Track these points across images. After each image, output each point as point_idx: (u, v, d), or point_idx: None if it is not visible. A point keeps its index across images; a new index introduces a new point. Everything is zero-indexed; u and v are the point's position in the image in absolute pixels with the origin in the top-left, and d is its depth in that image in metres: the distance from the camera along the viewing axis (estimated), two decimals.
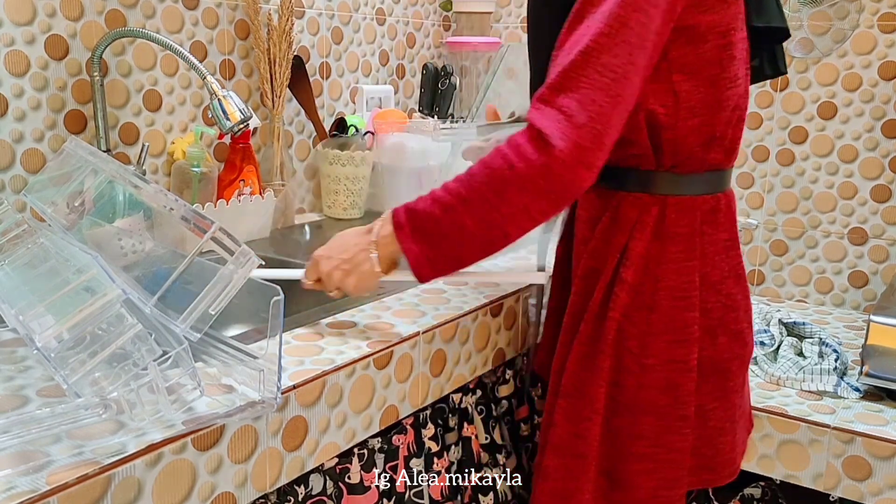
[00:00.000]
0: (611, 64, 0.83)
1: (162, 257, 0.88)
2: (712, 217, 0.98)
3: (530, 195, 0.86)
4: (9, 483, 0.62)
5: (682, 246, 0.96)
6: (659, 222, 0.97)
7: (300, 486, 0.90)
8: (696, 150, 0.96)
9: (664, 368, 0.97)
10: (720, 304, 0.99)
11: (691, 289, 0.96)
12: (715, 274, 0.98)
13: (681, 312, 0.97)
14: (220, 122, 1.21)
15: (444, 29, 2.15)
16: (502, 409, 1.27)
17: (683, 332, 0.97)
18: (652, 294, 0.97)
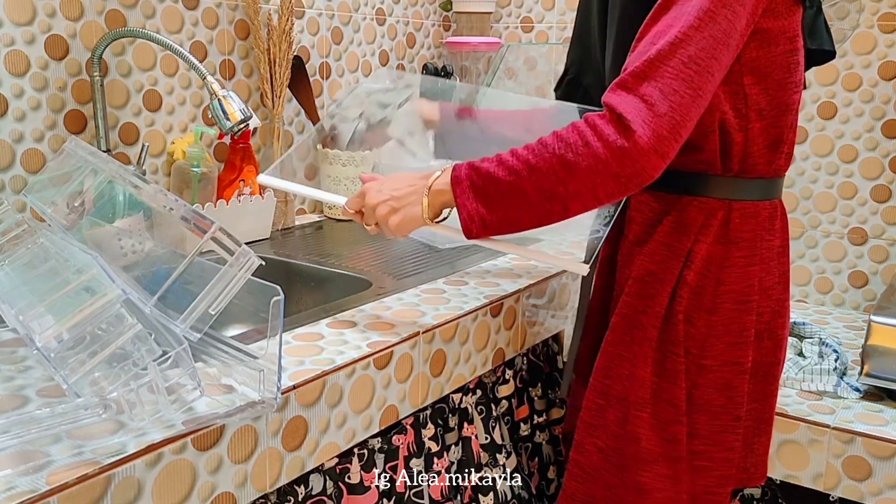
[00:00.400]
0: (696, 57, 0.84)
1: (162, 257, 0.88)
2: (770, 223, 1.00)
3: (601, 176, 0.85)
4: (9, 483, 0.62)
5: (745, 251, 0.98)
6: (724, 226, 0.98)
7: (300, 486, 0.90)
8: (763, 153, 0.97)
9: (721, 370, 0.99)
10: (770, 309, 1.01)
11: (752, 293, 0.98)
12: (769, 279, 1.00)
13: (740, 315, 0.98)
14: (220, 122, 1.21)
15: (444, 29, 2.15)
16: (502, 409, 1.27)
17: (742, 334, 0.98)
18: (713, 297, 0.98)
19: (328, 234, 1.58)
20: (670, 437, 1.00)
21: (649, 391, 1.00)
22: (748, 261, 0.98)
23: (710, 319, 0.98)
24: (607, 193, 0.87)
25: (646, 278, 1.01)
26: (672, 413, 1.00)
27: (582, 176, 0.86)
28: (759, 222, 0.99)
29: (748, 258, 0.98)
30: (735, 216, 0.98)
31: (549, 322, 1.33)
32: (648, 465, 1.00)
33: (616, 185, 0.86)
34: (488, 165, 0.91)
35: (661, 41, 0.85)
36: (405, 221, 0.96)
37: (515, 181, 0.89)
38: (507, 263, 1.35)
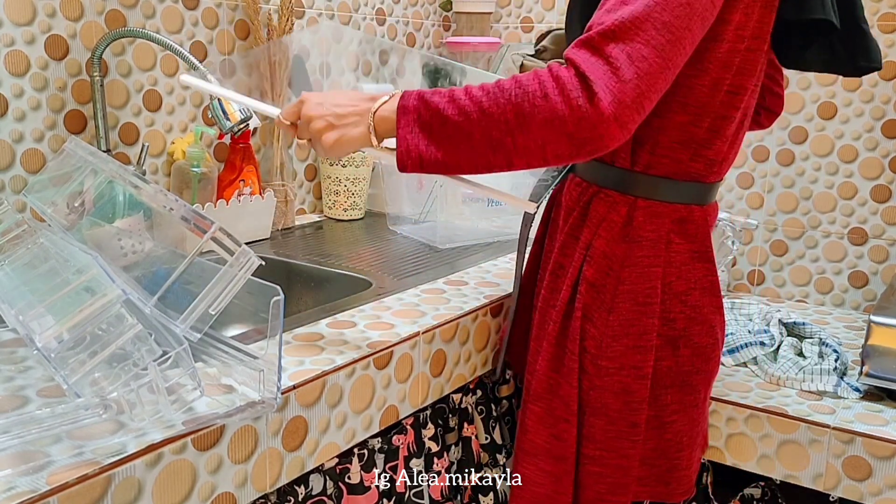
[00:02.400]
0: (670, 24, 0.79)
1: (162, 257, 0.88)
2: (681, 227, 0.96)
3: (554, 133, 0.79)
4: (9, 483, 0.62)
5: (647, 251, 0.95)
6: (627, 223, 0.96)
7: (300, 486, 0.90)
8: (674, 149, 0.93)
9: (619, 373, 0.96)
10: (684, 316, 0.97)
11: (654, 295, 0.95)
12: (681, 284, 0.96)
13: (640, 318, 0.96)
14: (220, 122, 1.21)
15: (444, 29, 2.15)
16: (502, 409, 1.27)
17: (641, 338, 0.96)
18: (613, 295, 0.96)
19: (328, 234, 1.58)
20: (558, 435, 1.00)
21: (545, 385, 1.01)
22: (650, 261, 0.95)
23: (609, 319, 0.95)
24: (556, 154, 0.81)
25: (556, 271, 1.02)
26: (563, 411, 0.99)
27: (534, 129, 0.80)
28: (665, 224, 0.95)
29: (650, 259, 0.95)
30: (638, 214, 0.95)
31: None
32: (531, 457, 1.02)
33: (568, 146, 0.80)
34: (438, 100, 0.84)
35: (636, 2, 0.79)
36: (342, 142, 0.88)
37: (463, 122, 0.83)
38: (507, 263, 1.35)
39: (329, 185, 1.69)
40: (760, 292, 1.79)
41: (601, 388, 0.97)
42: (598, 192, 0.97)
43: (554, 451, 1.01)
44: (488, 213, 1.58)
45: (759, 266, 1.80)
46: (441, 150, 0.84)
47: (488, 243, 1.49)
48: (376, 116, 0.87)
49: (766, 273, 1.79)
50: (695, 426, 1.02)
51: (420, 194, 1.61)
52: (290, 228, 1.59)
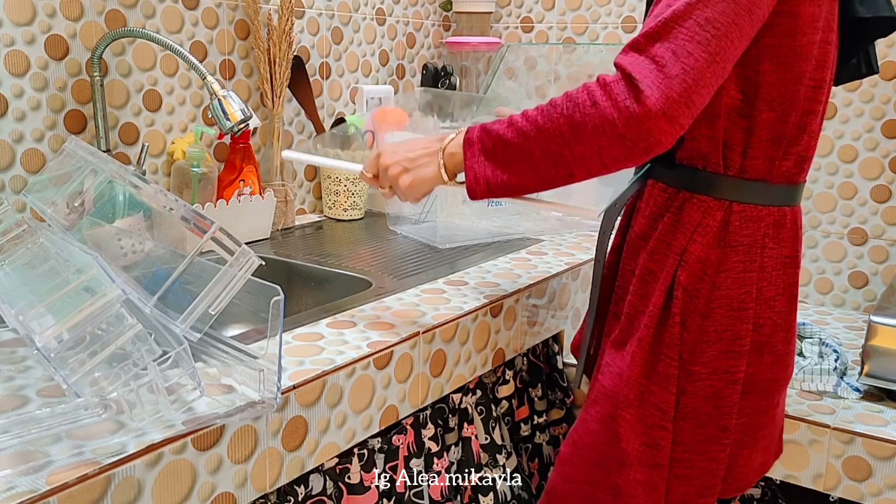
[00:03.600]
0: (714, 19, 0.80)
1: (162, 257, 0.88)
2: (775, 231, 0.95)
3: (606, 138, 0.83)
4: (9, 483, 0.62)
5: (742, 256, 0.94)
6: (722, 228, 0.94)
7: (300, 486, 0.90)
8: (766, 148, 0.92)
9: (710, 378, 0.95)
10: (771, 322, 0.96)
11: (748, 300, 0.94)
12: (770, 290, 0.95)
13: (735, 323, 0.94)
14: (220, 122, 1.21)
15: (444, 29, 2.15)
16: (502, 409, 1.27)
17: (735, 343, 0.95)
18: (707, 301, 0.95)
19: (328, 234, 1.58)
20: (652, 443, 0.97)
21: (635, 392, 0.97)
22: (745, 266, 0.94)
23: (703, 324, 0.95)
24: (613, 158, 0.84)
25: (646, 277, 0.99)
26: (658, 417, 0.97)
27: (587, 137, 0.84)
28: (761, 228, 0.94)
29: (745, 264, 0.94)
30: (735, 219, 0.94)
31: (549, 322, 1.33)
32: (625, 468, 0.99)
33: (622, 148, 0.82)
34: (498, 127, 0.90)
35: (677, 2, 0.81)
36: (416, 182, 0.97)
37: (523, 143, 0.88)
38: (507, 263, 1.35)
39: (329, 185, 1.69)
40: None
41: (691, 394, 0.96)
42: (689, 197, 0.96)
43: (648, 461, 0.98)
44: (488, 213, 1.58)
45: None
46: (506, 172, 0.90)
47: (488, 243, 1.49)
48: (445, 154, 0.95)
49: None
50: (760, 429, 1.01)
51: None
52: (290, 228, 1.59)
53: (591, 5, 1.99)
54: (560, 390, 1.39)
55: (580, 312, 1.44)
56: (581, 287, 1.41)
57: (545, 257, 1.41)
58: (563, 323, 1.38)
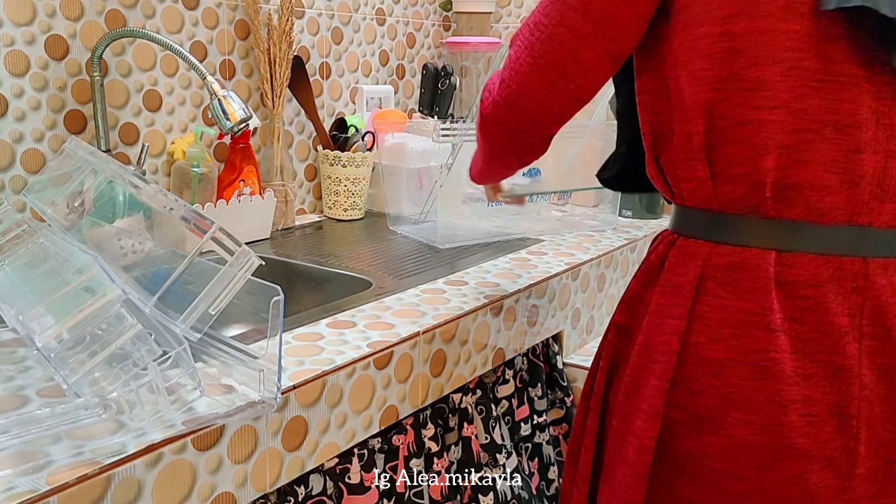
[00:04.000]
0: (540, 23, 0.79)
1: (162, 257, 0.88)
2: (727, 275, 0.76)
3: (480, 135, 0.93)
4: (9, 483, 0.62)
5: (667, 298, 0.79)
6: (658, 262, 0.83)
7: (300, 486, 0.90)
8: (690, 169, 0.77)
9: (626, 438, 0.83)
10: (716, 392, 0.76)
11: (663, 352, 0.79)
12: (714, 350, 0.76)
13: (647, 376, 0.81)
14: (220, 122, 1.21)
15: (444, 29, 2.15)
16: (502, 408, 1.27)
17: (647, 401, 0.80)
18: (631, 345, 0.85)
19: (328, 234, 1.58)
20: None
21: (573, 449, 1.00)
22: (668, 311, 0.79)
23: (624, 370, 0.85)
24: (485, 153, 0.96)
25: None
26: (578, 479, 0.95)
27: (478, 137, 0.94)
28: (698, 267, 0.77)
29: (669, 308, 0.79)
30: (672, 252, 0.81)
31: (549, 322, 1.33)
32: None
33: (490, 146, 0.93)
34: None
35: None
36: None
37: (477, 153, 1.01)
38: (507, 263, 1.35)
39: (329, 185, 1.69)
40: None
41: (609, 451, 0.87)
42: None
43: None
44: (488, 213, 1.58)
45: None
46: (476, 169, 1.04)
47: (488, 243, 1.49)
48: None
49: None
50: None
51: (420, 194, 1.61)
52: (290, 228, 1.59)
53: None
54: (560, 390, 1.39)
55: (580, 312, 1.44)
56: (581, 287, 1.41)
57: (545, 257, 1.41)
58: (563, 323, 1.38)
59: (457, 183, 1.51)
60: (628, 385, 0.82)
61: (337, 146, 1.68)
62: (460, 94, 2.03)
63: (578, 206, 1.82)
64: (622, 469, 0.81)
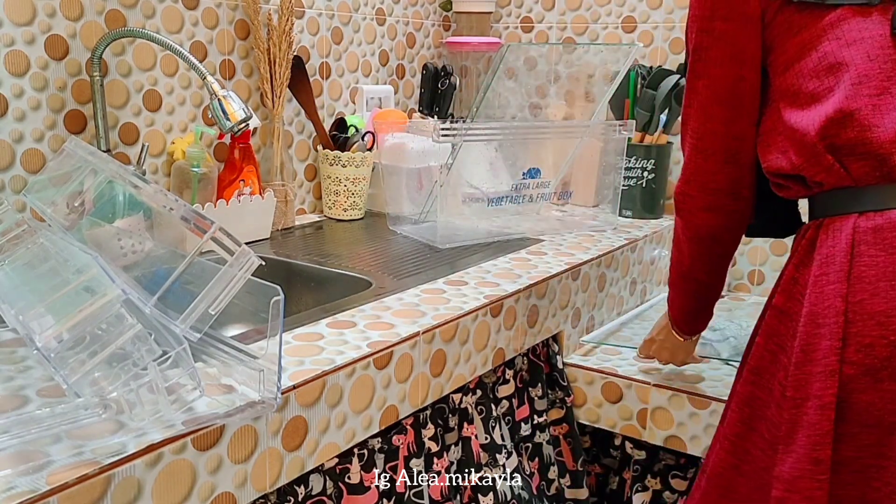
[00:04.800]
0: (694, 128, 1.01)
1: (162, 257, 0.88)
2: (875, 237, 0.86)
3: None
4: (9, 483, 0.62)
5: (825, 268, 0.88)
6: (811, 245, 0.92)
7: (300, 486, 0.90)
8: (825, 163, 0.89)
9: (805, 404, 0.88)
10: (886, 342, 0.83)
11: (830, 314, 0.86)
12: (876, 303, 0.84)
13: (818, 340, 0.87)
14: (220, 122, 1.21)
15: (444, 29, 2.15)
16: (502, 408, 1.27)
17: (821, 363, 0.86)
18: (795, 321, 0.91)
19: (328, 234, 1.58)
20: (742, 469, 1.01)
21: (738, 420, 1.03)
22: (827, 279, 0.88)
23: (793, 345, 0.90)
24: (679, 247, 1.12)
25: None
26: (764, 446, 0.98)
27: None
28: (848, 236, 0.87)
29: (826, 276, 0.88)
30: (821, 232, 0.91)
31: (549, 322, 1.33)
32: (708, 481, 1.04)
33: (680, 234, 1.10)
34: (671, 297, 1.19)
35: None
36: (675, 352, 1.29)
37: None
38: (507, 263, 1.35)
39: (329, 185, 1.69)
40: (760, 292, 1.79)
41: (788, 422, 0.90)
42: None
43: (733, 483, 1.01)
44: (488, 213, 1.58)
45: (759, 266, 1.80)
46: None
47: (488, 243, 1.49)
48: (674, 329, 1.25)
49: (765, 273, 1.79)
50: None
51: (420, 194, 1.61)
52: (290, 228, 1.59)
53: (591, 5, 1.99)
54: (560, 390, 1.39)
55: (580, 312, 1.44)
56: (581, 287, 1.41)
57: (545, 257, 1.41)
58: (563, 323, 1.38)
59: (457, 183, 1.51)
60: (799, 354, 0.88)
61: (337, 146, 1.68)
62: (460, 94, 2.03)
63: (578, 206, 1.82)
64: (805, 432, 0.87)
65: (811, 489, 0.86)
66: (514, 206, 1.60)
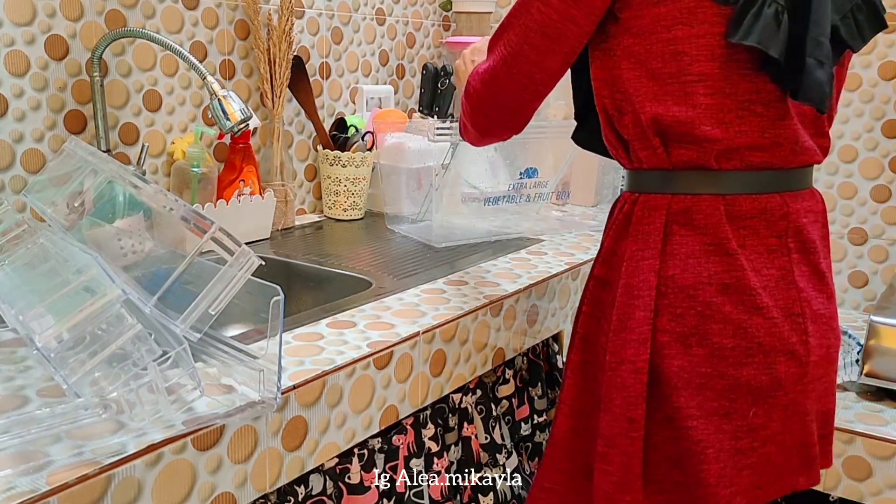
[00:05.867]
0: (510, 41, 0.98)
1: (162, 257, 0.88)
2: (684, 218, 0.93)
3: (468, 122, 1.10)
4: (9, 483, 0.62)
5: (640, 244, 0.95)
6: (626, 219, 0.98)
7: (300, 486, 0.90)
8: (651, 144, 0.93)
9: (620, 367, 0.95)
10: (694, 312, 0.92)
11: (644, 287, 0.94)
12: (686, 278, 0.92)
13: (633, 310, 0.94)
14: (220, 122, 1.21)
15: (444, 29, 2.15)
16: (502, 409, 1.27)
17: (635, 331, 0.94)
18: (614, 291, 0.97)
19: (328, 234, 1.58)
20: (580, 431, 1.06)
21: (573, 383, 1.08)
22: (642, 254, 0.95)
23: (612, 313, 0.97)
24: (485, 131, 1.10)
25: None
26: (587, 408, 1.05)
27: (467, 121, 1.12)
28: (662, 216, 0.94)
29: (642, 252, 0.95)
30: (637, 209, 0.96)
31: (549, 322, 1.33)
32: (551, 449, 1.09)
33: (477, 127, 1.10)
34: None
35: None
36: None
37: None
38: (507, 263, 1.35)
39: (329, 185, 1.69)
40: None
41: (608, 384, 0.97)
42: (622, 195, 1.03)
43: (572, 446, 1.05)
44: (485, 213, 1.58)
45: None
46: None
47: (488, 243, 1.49)
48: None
49: None
50: (729, 439, 0.93)
51: (419, 194, 1.61)
52: (290, 228, 1.59)
53: None
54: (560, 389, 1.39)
55: None
56: (581, 287, 1.41)
57: (545, 257, 1.41)
58: (563, 323, 1.38)
59: (456, 182, 1.51)
60: (616, 322, 0.95)
61: (337, 146, 1.68)
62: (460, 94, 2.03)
63: (578, 206, 1.82)
64: (621, 394, 0.94)
65: (625, 445, 0.94)
66: (512, 205, 1.60)
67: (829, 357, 0.97)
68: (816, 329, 0.95)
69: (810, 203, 0.97)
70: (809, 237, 0.95)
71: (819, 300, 0.95)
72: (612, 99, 0.96)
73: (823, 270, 0.97)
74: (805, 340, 0.93)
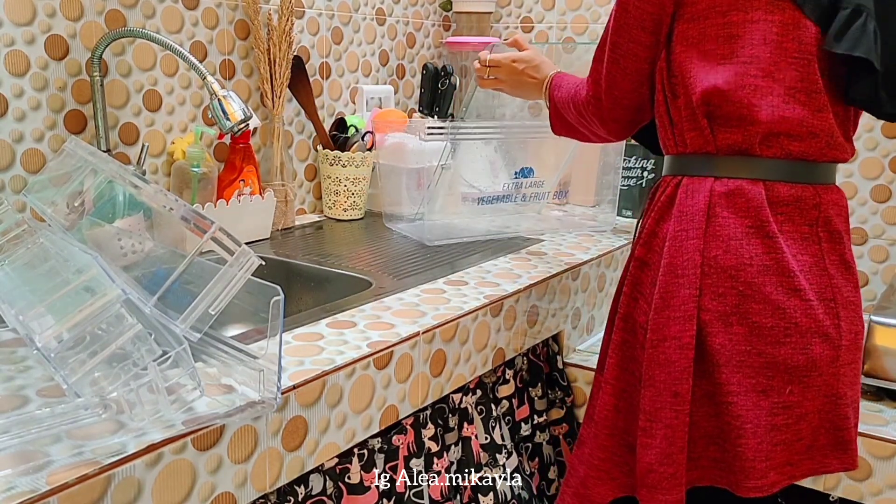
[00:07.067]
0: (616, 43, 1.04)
1: (162, 257, 0.88)
2: (727, 200, 0.97)
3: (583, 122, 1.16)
4: (9, 483, 0.62)
5: (684, 224, 0.98)
6: (669, 201, 1.01)
7: (300, 486, 0.90)
8: (699, 125, 0.98)
9: (662, 344, 0.98)
10: (735, 292, 0.95)
11: (689, 266, 0.97)
12: (728, 259, 0.96)
13: (677, 289, 0.97)
14: (220, 122, 1.21)
15: (444, 29, 2.15)
16: (502, 408, 1.27)
17: (679, 308, 0.97)
18: (657, 270, 1.00)
19: (328, 234, 1.58)
20: (621, 408, 1.08)
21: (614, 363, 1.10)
22: (686, 234, 0.98)
23: (654, 292, 1.00)
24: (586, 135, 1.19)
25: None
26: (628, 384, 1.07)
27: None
28: (706, 197, 0.97)
29: (686, 231, 0.98)
30: (681, 191, 1.00)
31: (549, 322, 1.33)
32: (590, 424, 1.11)
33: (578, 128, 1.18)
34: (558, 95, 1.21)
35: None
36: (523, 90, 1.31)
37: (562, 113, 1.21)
38: (507, 263, 1.35)
39: (329, 185, 1.69)
40: None
41: (650, 361, 0.99)
42: (662, 178, 1.06)
43: (614, 422, 1.07)
44: (480, 212, 1.58)
45: None
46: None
47: (488, 242, 1.48)
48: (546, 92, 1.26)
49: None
50: (766, 415, 0.95)
51: (419, 194, 1.61)
52: (290, 228, 1.59)
53: (591, 5, 1.99)
54: (560, 389, 1.39)
55: (580, 312, 1.44)
56: (581, 287, 1.41)
57: (545, 257, 1.41)
58: (563, 323, 1.38)
59: (454, 182, 1.51)
60: (658, 301, 0.99)
61: (337, 146, 1.68)
62: (460, 94, 2.03)
63: (578, 206, 1.82)
64: (664, 369, 0.98)
65: (670, 418, 0.97)
66: (508, 204, 1.60)
67: (857, 343, 1.00)
68: (847, 314, 0.98)
69: (837, 197, 1.00)
70: (837, 228, 0.98)
71: (847, 288, 0.98)
72: (669, 83, 1.00)
73: (849, 261, 1.00)
74: (837, 324, 0.96)
